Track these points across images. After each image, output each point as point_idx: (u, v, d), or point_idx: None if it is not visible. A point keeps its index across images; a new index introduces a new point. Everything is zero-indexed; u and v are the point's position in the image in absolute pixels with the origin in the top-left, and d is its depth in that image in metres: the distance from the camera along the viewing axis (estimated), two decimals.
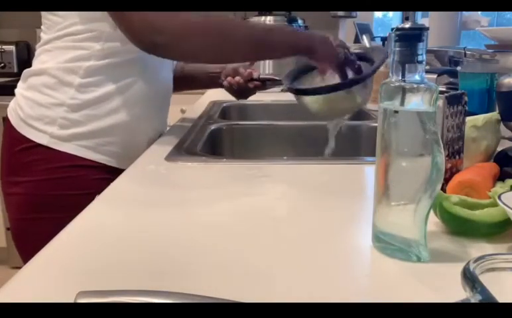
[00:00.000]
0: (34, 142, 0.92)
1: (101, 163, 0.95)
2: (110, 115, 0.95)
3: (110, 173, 0.95)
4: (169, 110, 1.14)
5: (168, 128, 1.16)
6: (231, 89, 1.24)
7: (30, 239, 0.93)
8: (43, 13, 0.96)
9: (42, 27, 0.97)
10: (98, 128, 0.94)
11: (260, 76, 1.22)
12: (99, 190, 0.69)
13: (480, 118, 0.73)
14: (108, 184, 0.73)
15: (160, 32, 0.85)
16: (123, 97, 0.95)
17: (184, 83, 1.26)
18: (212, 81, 1.29)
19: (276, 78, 1.22)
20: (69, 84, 0.92)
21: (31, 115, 0.93)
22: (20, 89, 0.98)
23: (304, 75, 1.07)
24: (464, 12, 1.60)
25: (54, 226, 0.57)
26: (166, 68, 1.07)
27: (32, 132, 0.93)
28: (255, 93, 1.25)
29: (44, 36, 0.96)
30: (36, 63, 0.97)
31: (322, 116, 1.01)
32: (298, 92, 1.00)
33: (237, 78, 1.21)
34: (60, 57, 0.93)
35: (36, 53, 0.98)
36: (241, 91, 1.23)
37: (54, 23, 0.93)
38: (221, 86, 1.27)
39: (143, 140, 1.01)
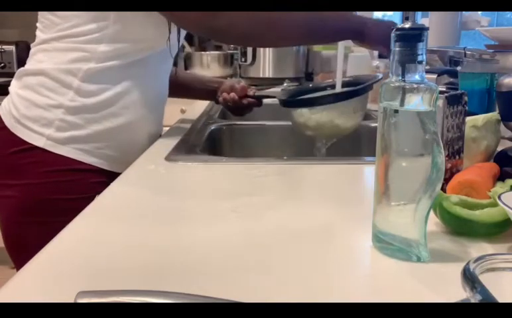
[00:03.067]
0: (30, 143, 0.90)
1: (97, 167, 0.94)
2: (108, 119, 0.93)
3: (106, 177, 0.94)
4: (169, 110, 1.13)
5: (167, 128, 1.16)
6: (226, 106, 1.23)
7: (23, 243, 0.91)
8: (41, 12, 0.94)
9: (38, 25, 0.95)
10: (96, 132, 0.93)
11: (256, 93, 1.22)
12: (95, 194, 0.68)
13: (480, 118, 0.73)
14: (104, 188, 0.72)
15: (219, 16, 0.87)
16: (122, 100, 0.94)
17: (178, 90, 1.24)
18: (209, 95, 1.29)
19: (271, 95, 1.22)
20: (68, 86, 0.90)
21: (27, 116, 0.91)
22: (14, 87, 0.95)
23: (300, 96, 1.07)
24: (464, 12, 1.60)
25: (49, 231, 0.56)
26: (165, 71, 1.06)
27: (28, 134, 0.91)
28: (251, 110, 1.23)
29: (41, 35, 0.94)
30: (33, 63, 0.95)
31: (316, 135, 1.02)
32: (288, 104, 1.02)
33: (232, 94, 1.20)
34: (58, 58, 0.91)
35: (32, 52, 0.96)
36: (236, 108, 1.22)
37: (52, 23, 0.92)
38: (217, 101, 1.26)
39: (140, 143, 1.00)
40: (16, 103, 0.93)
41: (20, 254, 0.91)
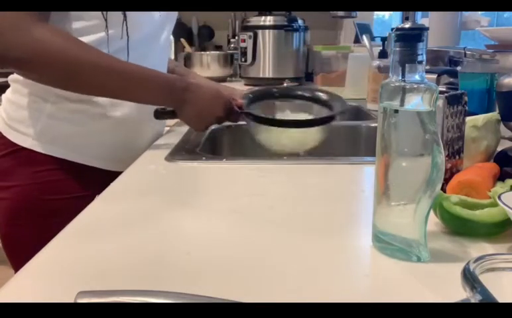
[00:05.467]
0: (18, 145, 0.90)
1: (88, 166, 0.93)
2: (96, 119, 0.92)
3: (97, 176, 0.93)
4: None
5: (167, 128, 1.16)
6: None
7: (18, 245, 0.91)
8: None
9: None
10: (83, 131, 0.92)
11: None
12: (86, 193, 0.66)
13: (480, 118, 0.73)
14: (97, 187, 0.70)
15: (11, 49, 0.78)
16: (109, 101, 0.92)
17: None
18: None
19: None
20: (51, 89, 0.89)
21: (14, 118, 0.92)
22: (7, 93, 0.96)
23: (260, 101, 1.05)
24: (464, 12, 1.60)
25: (41, 232, 0.55)
26: (151, 64, 1.00)
27: (16, 135, 0.91)
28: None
29: None
30: None
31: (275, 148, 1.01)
32: (257, 119, 0.98)
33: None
34: None
35: None
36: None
37: None
38: None
39: (133, 142, 0.98)
40: (6, 107, 0.94)
41: (17, 256, 0.92)
